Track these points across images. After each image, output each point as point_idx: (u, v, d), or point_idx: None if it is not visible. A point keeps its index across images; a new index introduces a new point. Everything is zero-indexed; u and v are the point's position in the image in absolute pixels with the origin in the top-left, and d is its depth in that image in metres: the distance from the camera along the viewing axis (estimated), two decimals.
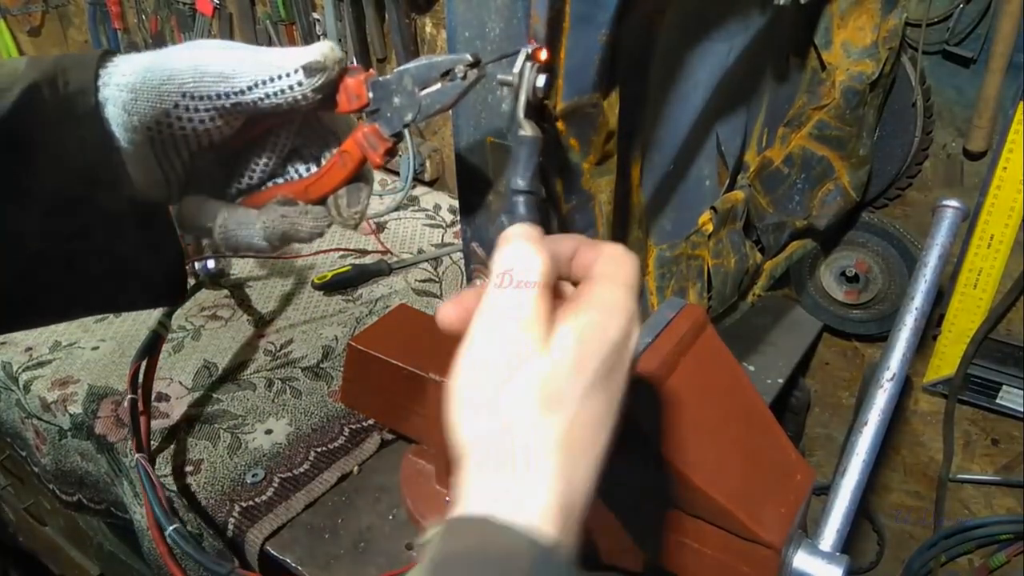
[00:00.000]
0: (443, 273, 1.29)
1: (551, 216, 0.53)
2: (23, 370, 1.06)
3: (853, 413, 1.33)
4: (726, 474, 0.63)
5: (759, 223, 0.93)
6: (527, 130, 0.46)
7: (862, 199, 1.06)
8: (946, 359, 1.14)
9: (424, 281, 1.26)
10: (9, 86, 0.43)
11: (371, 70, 0.47)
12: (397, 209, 1.48)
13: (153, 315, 0.96)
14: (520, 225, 0.40)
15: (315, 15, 1.60)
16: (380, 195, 1.53)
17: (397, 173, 1.58)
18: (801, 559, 0.64)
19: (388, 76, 0.46)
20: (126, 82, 0.44)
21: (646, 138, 0.71)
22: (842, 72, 0.94)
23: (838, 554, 0.64)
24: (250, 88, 0.45)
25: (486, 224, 0.56)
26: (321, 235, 0.51)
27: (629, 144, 0.67)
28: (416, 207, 1.50)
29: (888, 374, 0.76)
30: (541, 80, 0.46)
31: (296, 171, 0.53)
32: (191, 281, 1.15)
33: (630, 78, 0.64)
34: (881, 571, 1.41)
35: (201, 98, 0.44)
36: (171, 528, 0.76)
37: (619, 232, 0.71)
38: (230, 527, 0.83)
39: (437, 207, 1.50)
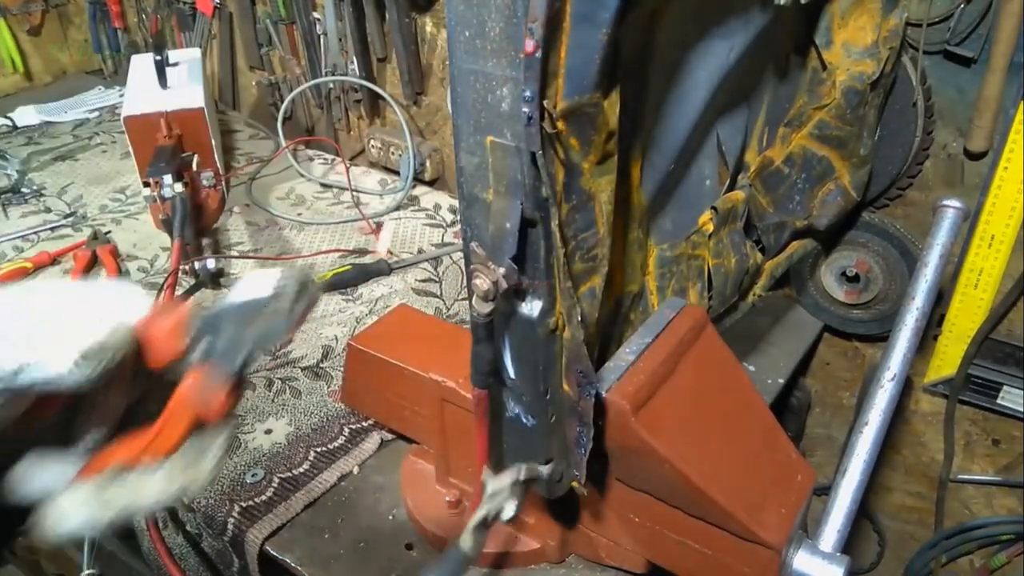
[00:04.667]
0: (443, 273, 1.29)
1: (551, 217, 0.53)
2: None
3: (854, 413, 1.33)
4: (726, 475, 0.63)
5: (759, 223, 0.93)
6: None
7: (863, 199, 1.06)
8: (947, 359, 1.14)
9: (424, 281, 1.26)
10: None
11: (187, 304, 0.42)
12: (397, 209, 1.48)
13: None
14: None
15: (315, 15, 1.60)
16: (380, 195, 1.53)
17: (397, 172, 1.58)
18: (801, 560, 0.64)
19: (209, 311, 0.41)
20: None
21: (646, 137, 0.71)
22: (843, 72, 0.93)
23: (838, 555, 0.64)
24: (16, 373, 0.39)
25: (486, 224, 0.56)
26: (171, 504, 0.46)
27: (629, 143, 0.67)
28: (416, 207, 1.50)
29: (889, 374, 0.76)
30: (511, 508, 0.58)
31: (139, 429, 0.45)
32: (191, 280, 1.14)
33: (631, 77, 0.64)
34: (882, 571, 1.41)
35: None
36: None
37: (619, 232, 0.71)
38: (230, 527, 0.83)
39: (437, 207, 1.50)
